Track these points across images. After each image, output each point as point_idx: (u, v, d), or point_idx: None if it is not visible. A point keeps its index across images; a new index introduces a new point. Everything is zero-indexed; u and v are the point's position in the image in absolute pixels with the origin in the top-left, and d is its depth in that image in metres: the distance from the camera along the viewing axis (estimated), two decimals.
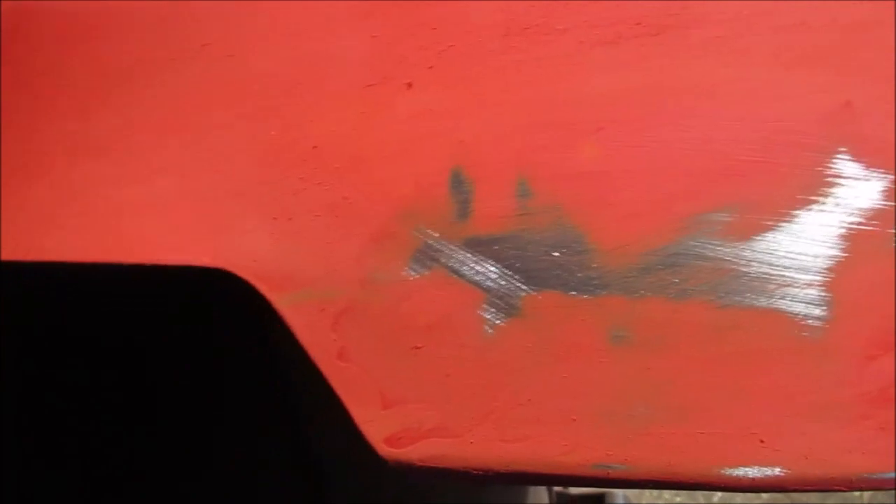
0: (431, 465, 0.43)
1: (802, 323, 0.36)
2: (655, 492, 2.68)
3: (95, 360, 0.72)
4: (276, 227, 0.43)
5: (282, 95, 0.42)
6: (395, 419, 0.43)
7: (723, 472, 0.38)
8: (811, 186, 0.35)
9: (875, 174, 0.35)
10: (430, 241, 0.41)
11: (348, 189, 0.41)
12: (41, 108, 0.44)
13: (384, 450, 0.44)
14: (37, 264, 0.45)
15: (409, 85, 0.40)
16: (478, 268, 0.40)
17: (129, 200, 0.44)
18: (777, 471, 0.37)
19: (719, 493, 2.69)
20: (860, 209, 0.35)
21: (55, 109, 0.44)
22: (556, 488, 1.49)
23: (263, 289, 0.43)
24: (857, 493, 2.61)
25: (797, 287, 0.36)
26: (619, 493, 1.37)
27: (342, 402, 0.44)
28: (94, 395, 0.72)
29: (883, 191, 0.35)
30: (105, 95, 0.43)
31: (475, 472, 0.43)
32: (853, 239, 0.35)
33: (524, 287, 0.40)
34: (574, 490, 1.52)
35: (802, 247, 0.36)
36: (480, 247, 0.40)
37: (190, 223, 0.43)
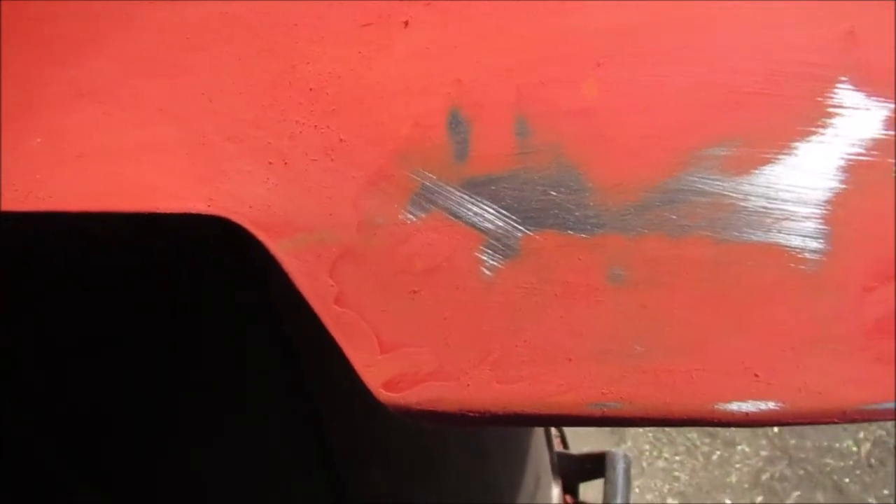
0: (429, 408, 0.44)
1: (800, 256, 0.36)
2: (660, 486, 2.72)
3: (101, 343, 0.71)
4: (271, 172, 0.42)
5: (277, 37, 0.41)
6: (393, 364, 0.43)
7: (717, 407, 0.39)
8: (811, 117, 0.35)
9: (876, 103, 0.35)
10: (428, 184, 0.40)
11: (345, 132, 0.41)
12: (33, 52, 0.43)
13: (382, 395, 0.44)
14: (32, 215, 0.45)
15: (406, 23, 0.39)
16: (476, 209, 0.40)
17: (125, 146, 0.43)
18: (772, 405, 0.38)
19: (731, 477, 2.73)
20: (860, 139, 0.35)
21: (48, 53, 0.43)
22: (557, 448, 1.51)
23: (260, 235, 0.43)
24: (854, 448, 2.64)
25: (795, 220, 0.36)
26: (619, 452, 1.39)
27: (340, 348, 0.44)
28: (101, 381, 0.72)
29: (884, 120, 0.35)
30: (99, 37, 0.42)
31: (472, 414, 0.44)
32: (853, 170, 0.35)
33: (522, 228, 0.40)
34: (576, 451, 1.54)
35: (801, 179, 0.35)
36: (478, 188, 0.40)
37: (184, 169, 0.43)
